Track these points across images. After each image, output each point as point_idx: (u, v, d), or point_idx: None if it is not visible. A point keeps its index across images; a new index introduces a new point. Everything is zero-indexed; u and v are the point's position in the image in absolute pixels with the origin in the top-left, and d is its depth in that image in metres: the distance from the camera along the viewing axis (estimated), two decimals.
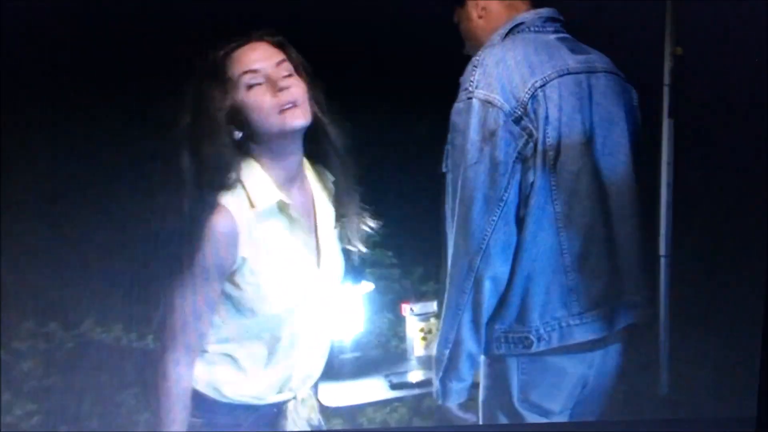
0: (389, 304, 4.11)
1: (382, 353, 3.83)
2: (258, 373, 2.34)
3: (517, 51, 2.54)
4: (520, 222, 2.47)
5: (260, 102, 2.17)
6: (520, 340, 2.51)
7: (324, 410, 3.15)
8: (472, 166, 2.42)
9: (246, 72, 2.17)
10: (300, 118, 2.20)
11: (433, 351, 3.43)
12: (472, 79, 2.46)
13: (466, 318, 2.50)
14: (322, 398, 3.14)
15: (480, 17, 2.71)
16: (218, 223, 2.16)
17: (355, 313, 3.40)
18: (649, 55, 3.44)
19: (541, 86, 2.47)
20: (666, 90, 3.41)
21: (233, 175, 2.20)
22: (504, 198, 2.42)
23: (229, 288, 2.24)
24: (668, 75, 3.40)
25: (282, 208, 2.28)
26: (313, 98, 2.27)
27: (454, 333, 2.52)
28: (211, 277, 2.20)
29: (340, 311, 3.36)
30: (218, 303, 2.25)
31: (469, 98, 2.44)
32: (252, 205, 2.22)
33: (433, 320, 3.52)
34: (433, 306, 3.55)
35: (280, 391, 2.40)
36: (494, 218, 2.42)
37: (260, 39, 2.25)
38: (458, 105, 2.49)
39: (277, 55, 2.23)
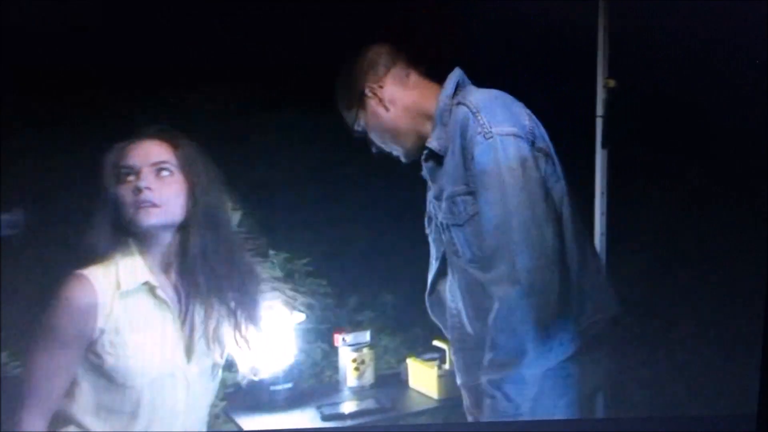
0: (323, 333, 4.04)
1: (315, 384, 3.76)
2: None
3: (489, 91, 2.66)
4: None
5: (124, 196, 2.31)
6: None
7: None
8: (520, 193, 2.47)
9: (123, 166, 2.33)
10: (156, 216, 2.31)
11: (366, 381, 3.42)
12: (481, 122, 2.50)
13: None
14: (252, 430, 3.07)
15: (388, 110, 2.73)
16: (75, 293, 2.27)
17: (287, 343, 3.32)
18: (583, 87, 3.46)
19: (528, 112, 2.62)
20: (599, 121, 3.43)
21: (104, 252, 2.33)
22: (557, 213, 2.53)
23: (90, 356, 2.31)
24: (601, 106, 3.42)
25: (150, 289, 2.37)
26: (192, 197, 2.37)
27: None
28: (67, 343, 2.28)
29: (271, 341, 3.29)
30: (76, 369, 2.31)
31: (490, 137, 2.48)
32: (119, 285, 2.32)
33: (365, 350, 3.47)
34: (366, 336, 3.51)
35: None
36: (559, 234, 2.51)
37: (153, 136, 2.38)
38: (480, 148, 2.49)
39: (158, 154, 2.35)
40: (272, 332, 3.26)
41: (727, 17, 3.01)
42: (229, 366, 3.84)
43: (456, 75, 2.70)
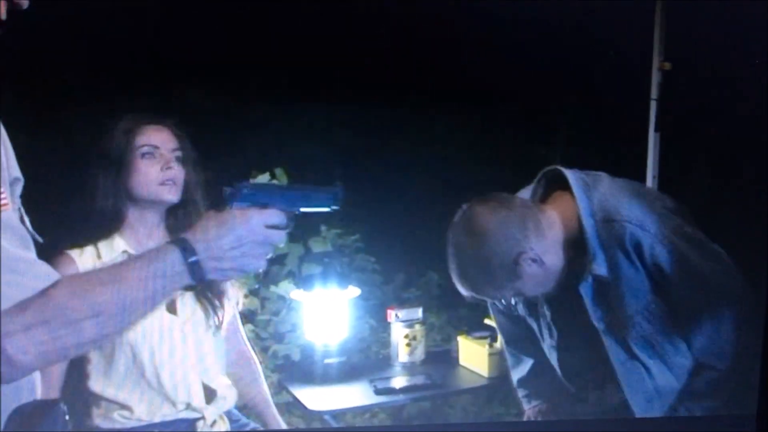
0: (371, 309, 4.07)
1: (364, 359, 3.77)
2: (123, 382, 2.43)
3: (618, 192, 2.50)
4: None
5: (147, 171, 2.43)
6: None
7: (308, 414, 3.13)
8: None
9: (147, 144, 2.45)
10: (172, 194, 2.46)
11: (417, 357, 3.42)
12: (653, 232, 2.38)
13: None
14: (308, 402, 3.08)
15: (544, 263, 2.45)
16: (58, 269, 2.28)
17: (341, 317, 3.34)
18: (637, 70, 3.43)
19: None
20: (653, 104, 3.41)
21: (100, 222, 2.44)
22: None
23: None
24: (656, 89, 3.39)
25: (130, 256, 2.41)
26: (190, 184, 2.51)
27: None
28: None
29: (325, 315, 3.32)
30: None
31: (669, 243, 2.38)
32: (99, 256, 2.42)
33: (417, 327, 3.46)
34: (418, 312, 3.49)
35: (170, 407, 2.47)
36: None
37: (164, 124, 2.52)
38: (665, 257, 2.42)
39: (173, 142, 2.51)
40: (328, 306, 3.31)
41: None
42: (280, 338, 3.90)
43: (577, 183, 2.47)
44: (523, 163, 4.68)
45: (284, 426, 2.76)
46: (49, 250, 2.22)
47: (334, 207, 1.85)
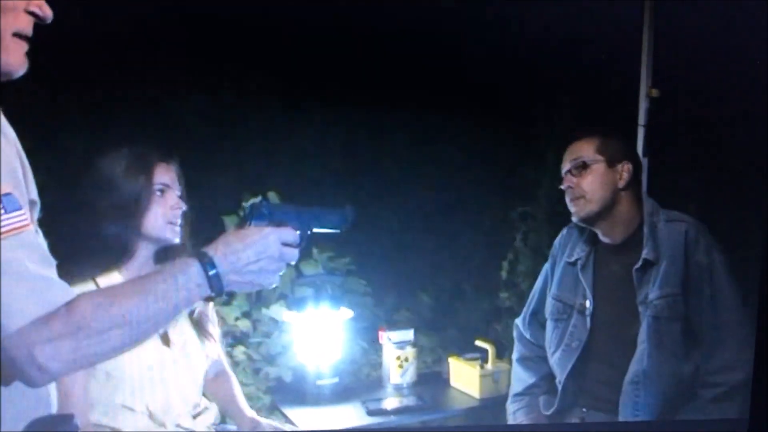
0: (363, 331, 4.02)
1: (356, 380, 3.72)
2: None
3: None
4: None
5: (158, 209, 2.39)
6: None
7: None
8: None
9: (161, 183, 2.41)
10: (176, 235, 2.43)
11: (409, 379, 3.37)
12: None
13: None
14: (300, 423, 3.03)
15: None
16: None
17: (333, 339, 3.29)
18: (626, 97, 3.42)
19: None
20: (641, 130, 3.39)
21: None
22: None
23: None
24: (644, 115, 3.38)
25: None
26: (183, 224, 2.48)
27: None
28: None
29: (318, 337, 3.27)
30: None
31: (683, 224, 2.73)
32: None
33: (409, 348, 3.43)
34: (409, 334, 3.46)
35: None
36: None
37: (173, 163, 2.48)
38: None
39: (178, 181, 2.48)
40: (320, 328, 3.26)
41: None
42: (272, 360, 3.83)
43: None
44: (513, 186, 4.68)
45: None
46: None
47: (344, 228, 1.96)
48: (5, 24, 1.47)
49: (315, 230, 1.87)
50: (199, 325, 2.56)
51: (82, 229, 2.34)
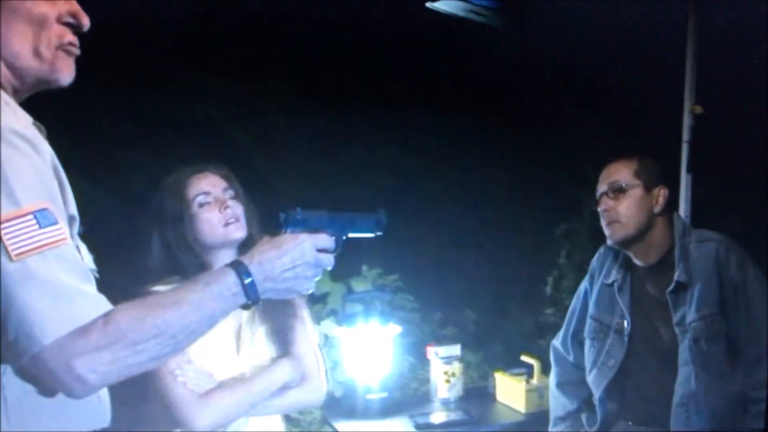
0: (411, 347, 4.02)
1: (404, 395, 3.71)
2: None
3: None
4: None
5: (210, 217, 2.38)
6: None
7: None
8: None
9: (200, 193, 2.40)
10: (240, 231, 2.41)
11: (456, 393, 3.36)
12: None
13: None
14: None
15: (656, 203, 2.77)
16: None
17: (383, 354, 3.29)
18: (670, 113, 3.39)
19: None
20: (685, 146, 3.36)
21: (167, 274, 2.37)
22: None
23: None
24: (687, 132, 3.34)
25: None
26: (249, 218, 2.46)
27: None
28: None
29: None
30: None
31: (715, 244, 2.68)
32: None
33: (456, 363, 3.41)
34: (456, 350, 3.44)
35: None
36: None
37: (209, 170, 2.47)
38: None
39: (223, 183, 2.46)
40: (369, 343, 3.26)
41: None
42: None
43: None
44: (557, 204, 4.66)
45: None
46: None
47: (378, 232, 1.91)
48: (46, 39, 1.48)
49: (350, 235, 1.84)
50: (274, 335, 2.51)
51: (155, 250, 2.39)
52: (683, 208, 3.37)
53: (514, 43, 3.64)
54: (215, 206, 2.39)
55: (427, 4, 3.09)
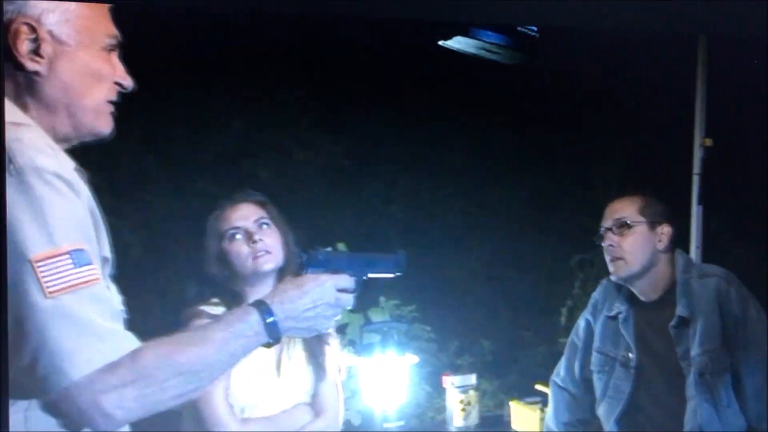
0: (427, 376, 3.99)
1: (421, 423, 3.68)
2: None
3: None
4: None
5: (239, 251, 2.38)
6: None
7: None
8: None
9: (231, 228, 2.40)
10: (270, 262, 2.39)
11: (471, 422, 3.32)
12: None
13: None
14: None
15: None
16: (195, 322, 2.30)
17: (399, 384, 3.25)
18: (681, 146, 3.37)
19: None
20: (696, 178, 3.33)
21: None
22: None
23: None
24: (698, 164, 3.32)
25: None
26: (286, 244, 2.45)
27: None
28: None
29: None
30: None
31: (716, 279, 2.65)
32: None
33: (471, 392, 3.36)
34: (472, 379, 3.40)
35: None
36: None
37: (243, 200, 2.47)
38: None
39: (256, 213, 2.44)
40: (386, 372, 3.22)
41: None
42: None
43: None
44: (570, 235, 4.64)
45: None
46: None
47: (398, 273, 1.90)
48: (99, 92, 1.53)
49: (369, 275, 1.83)
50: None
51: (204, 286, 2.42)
52: (694, 240, 3.35)
53: (527, 78, 3.64)
54: (245, 240, 2.39)
55: (440, 43, 3.09)
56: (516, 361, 4.59)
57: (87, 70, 1.51)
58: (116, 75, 1.57)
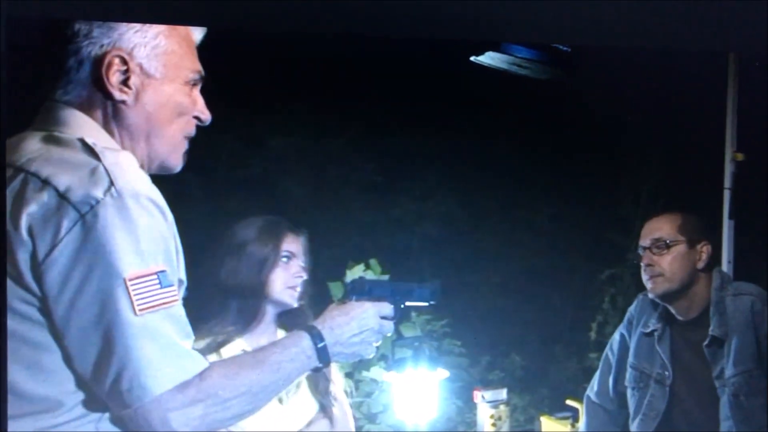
0: (458, 391, 3.92)
1: None
2: None
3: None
4: None
5: (283, 275, 2.34)
6: None
7: None
8: None
9: (287, 250, 2.35)
10: (296, 299, 2.37)
11: None
12: None
13: None
14: None
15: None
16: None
17: (430, 398, 3.15)
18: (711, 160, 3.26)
19: None
20: (727, 193, 3.22)
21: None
22: None
23: None
24: (729, 178, 3.20)
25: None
26: (304, 289, 2.42)
27: None
28: None
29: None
30: None
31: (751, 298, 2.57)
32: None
33: (502, 407, 3.25)
34: (503, 393, 3.29)
35: None
36: None
37: (302, 234, 2.42)
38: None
39: (304, 253, 2.41)
40: (418, 387, 3.12)
41: None
42: (373, 418, 3.73)
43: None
44: (600, 250, 4.58)
45: None
46: None
47: (433, 302, 1.94)
48: (179, 126, 1.57)
49: (407, 304, 1.87)
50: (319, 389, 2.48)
51: (215, 299, 2.32)
52: (726, 255, 3.23)
53: (558, 93, 3.55)
54: (291, 268, 2.36)
55: (472, 58, 3.01)
56: (547, 376, 4.54)
57: (170, 102, 1.55)
58: (196, 109, 1.60)
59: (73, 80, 1.49)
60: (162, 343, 1.39)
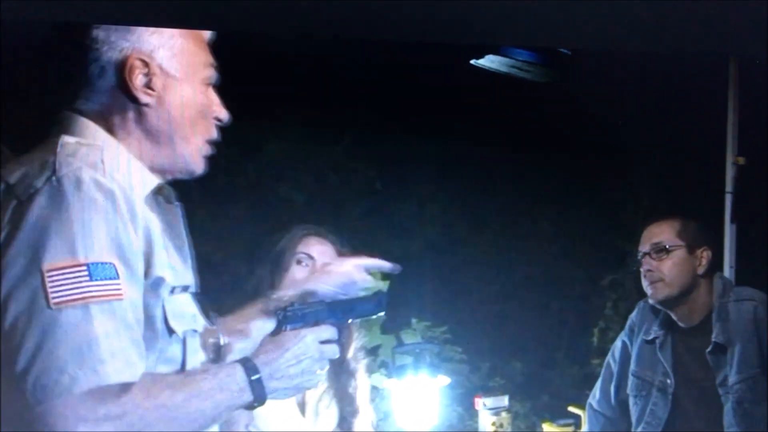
0: (459, 397, 3.89)
1: None
2: None
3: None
4: None
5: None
6: None
7: None
8: None
9: (304, 252, 2.31)
10: None
11: None
12: None
13: None
14: None
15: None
16: None
17: (431, 405, 3.11)
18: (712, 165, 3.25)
19: None
20: (728, 197, 3.20)
21: None
22: None
23: None
24: (731, 182, 3.18)
25: None
26: None
27: None
28: None
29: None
30: None
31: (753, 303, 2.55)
32: None
33: (504, 414, 3.21)
34: (504, 400, 3.25)
35: None
36: None
37: (330, 240, 2.38)
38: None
39: (328, 253, 2.34)
40: (418, 394, 3.08)
41: None
42: (374, 425, 3.68)
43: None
44: (602, 255, 4.57)
45: None
46: None
47: (379, 313, 1.82)
48: (202, 128, 1.54)
49: (351, 321, 1.77)
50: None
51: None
52: (728, 259, 3.21)
53: (558, 97, 3.54)
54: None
55: (472, 62, 2.98)
56: (548, 382, 4.53)
57: (191, 103, 1.52)
58: (214, 109, 1.57)
59: (95, 87, 1.46)
60: (79, 341, 1.27)
